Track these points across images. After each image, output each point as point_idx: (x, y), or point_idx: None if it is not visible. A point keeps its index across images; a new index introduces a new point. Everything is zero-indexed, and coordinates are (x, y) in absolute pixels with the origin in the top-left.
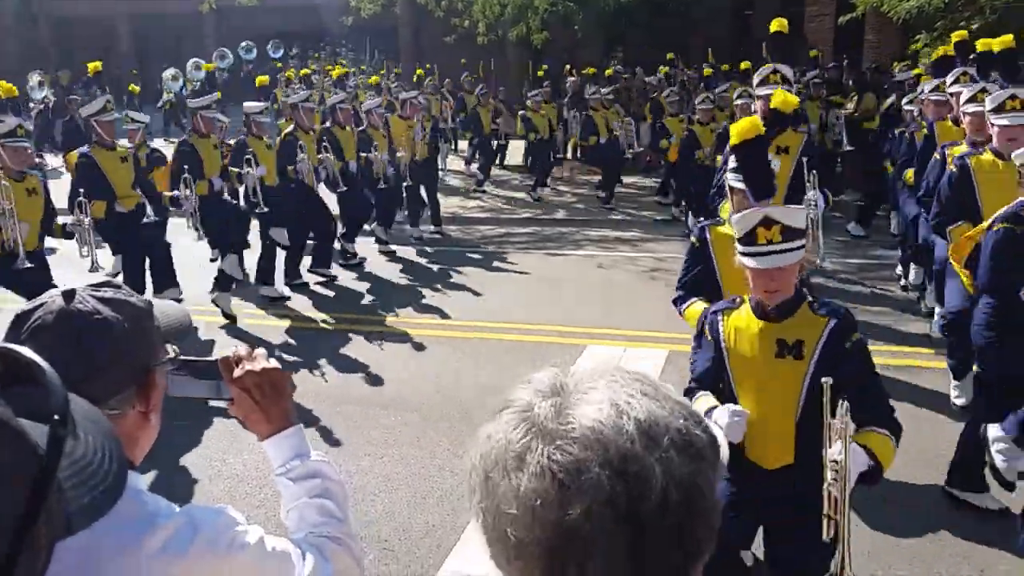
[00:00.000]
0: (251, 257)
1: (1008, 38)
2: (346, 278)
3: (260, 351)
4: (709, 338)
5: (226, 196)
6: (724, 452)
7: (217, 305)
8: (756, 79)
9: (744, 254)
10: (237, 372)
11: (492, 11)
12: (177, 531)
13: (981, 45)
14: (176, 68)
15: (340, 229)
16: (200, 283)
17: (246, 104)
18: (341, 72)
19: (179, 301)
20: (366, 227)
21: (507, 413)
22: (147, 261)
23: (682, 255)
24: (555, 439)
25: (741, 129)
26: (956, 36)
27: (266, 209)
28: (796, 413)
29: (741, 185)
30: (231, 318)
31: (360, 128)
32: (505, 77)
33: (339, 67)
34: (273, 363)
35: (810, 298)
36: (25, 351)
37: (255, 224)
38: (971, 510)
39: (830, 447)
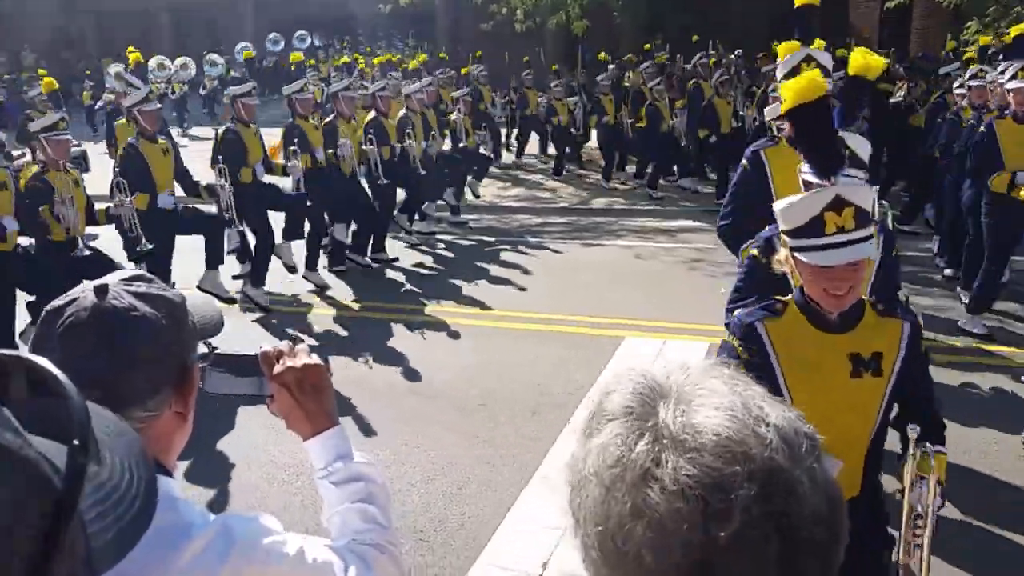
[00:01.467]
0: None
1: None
2: (382, 267)
3: (302, 346)
4: (745, 356)
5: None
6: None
7: (248, 296)
8: (781, 71)
9: (806, 249)
10: (278, 368)
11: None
12: (212, 542)
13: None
14: (214, 54)
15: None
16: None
17: (285, 87)
18: (383, 60)
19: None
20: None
21: (616, 422)
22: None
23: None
24: (687, 451)
25: (799, 89)
26: (1015, 30)
27: (309, 203)
28: (870, 437)
29: (815, 179)
30: (266, 310)
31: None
32: (543, 64)
33: (383, 55)
34: (315, 359)
35: (871, 297)
36: (42, 362)
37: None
38: None
39: (909, 491)
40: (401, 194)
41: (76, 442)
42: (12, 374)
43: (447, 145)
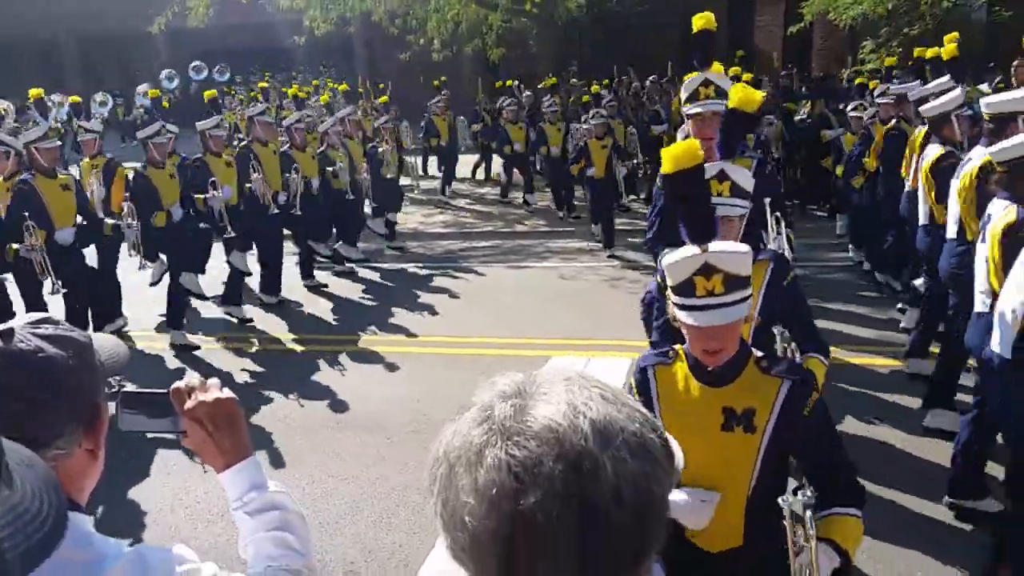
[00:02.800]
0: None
1: (952, 47)
2: (309, 299)
3: (213, 380)
4: (638, 397)
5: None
6: (679, 459)
7: (171, 336)
8: (684, 93)
9: (680, 307)
10: (189, 403)
11: (446, 29)
12: (127, 572)
13: (940, 53)
14: (104, 93)
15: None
16: (149, 310)
17: (199, 123)
18: (296, 91)
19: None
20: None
21: (471, 412)
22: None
23: (644, 262)
24: (513, 435)
25: (676, 156)
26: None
27: (233, 233)
28: (748, 491)
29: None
30: (190, 348)
31: (320, 150)
32: (460, 91)
33: (295, 87)
34: (227, 393)
35: (758, 354)
36: None
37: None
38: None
39: (796, 556)
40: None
41: None
42: None
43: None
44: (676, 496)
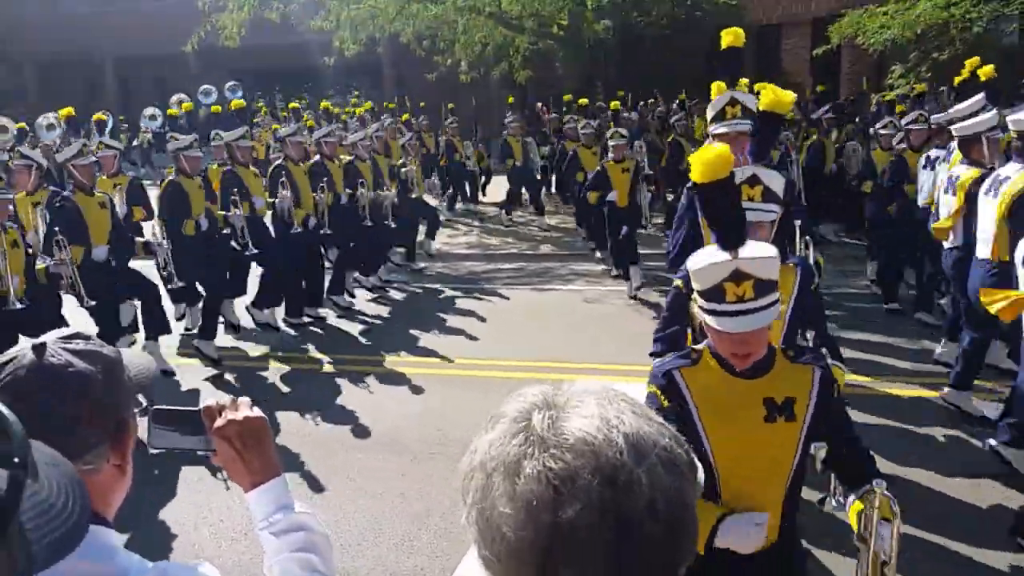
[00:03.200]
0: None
1: (988, 69)
2: (336, 319)
3: (243, 400)
4: (666, 403)
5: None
6: (700, 475)
7: (200, 351)
8: (710, 112)
9: (710, 312)
10: (219, 421)
11: (473, 51)
12: None
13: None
14: (155, 108)
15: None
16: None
17: (225, 133)
18: (328, 106)
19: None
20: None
21: (505, 423)
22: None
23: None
24: (550, 447)
25: (707, 162)
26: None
27: (255, 251)
28: (787, 482)
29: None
30: (216, 363)
31: (349, 161)
32: (489, 114)
33: (326, 103)
34: (256, 412)
35: (781, 345)
36: None
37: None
38: None
39: (872, 539)
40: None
41: (16, 460)
42: None
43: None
44: (729, 522)
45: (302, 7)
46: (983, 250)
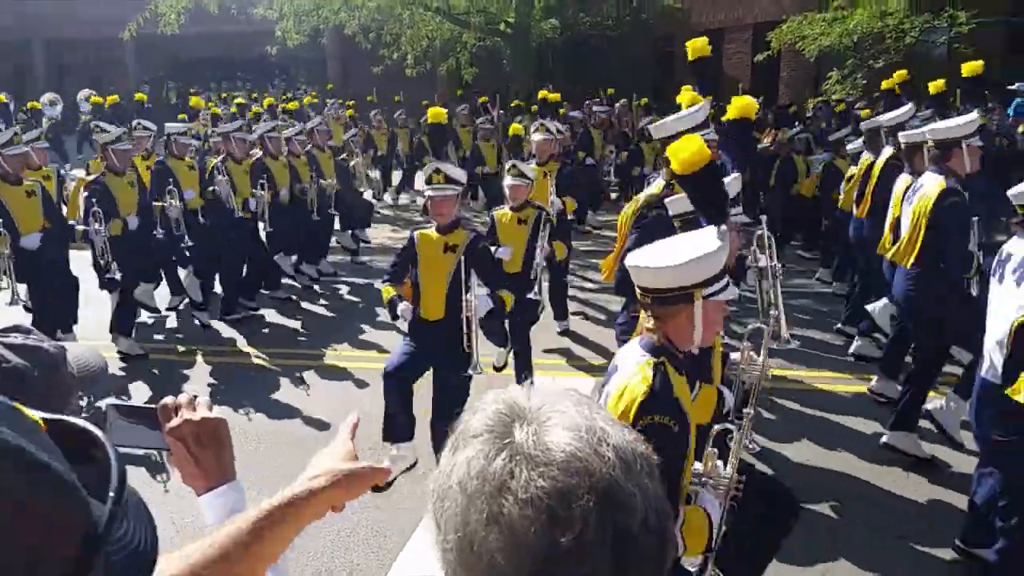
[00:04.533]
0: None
1: (941, 83)
2: (272, 313)
3: (203, 399)
4: (676, 429)
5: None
6: None
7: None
8: (684, 123)
9: (721, 291)
10: (174, 421)
11: (420, 45)
12: None
13: (933, 88)
14: (55, 94)
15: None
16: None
17: (168, 124)
18: (272, 101)
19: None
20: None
21: (479, 439)
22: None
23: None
24: (538, 465)
25: (686, 158)
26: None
27: (191, 243)
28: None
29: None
30: (135, 356)
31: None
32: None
33: (271, 99)
34: (215, 412)
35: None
36: (83, 424)
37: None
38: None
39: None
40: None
41: (113, 494)
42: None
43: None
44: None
45: None
46: (906, 257)
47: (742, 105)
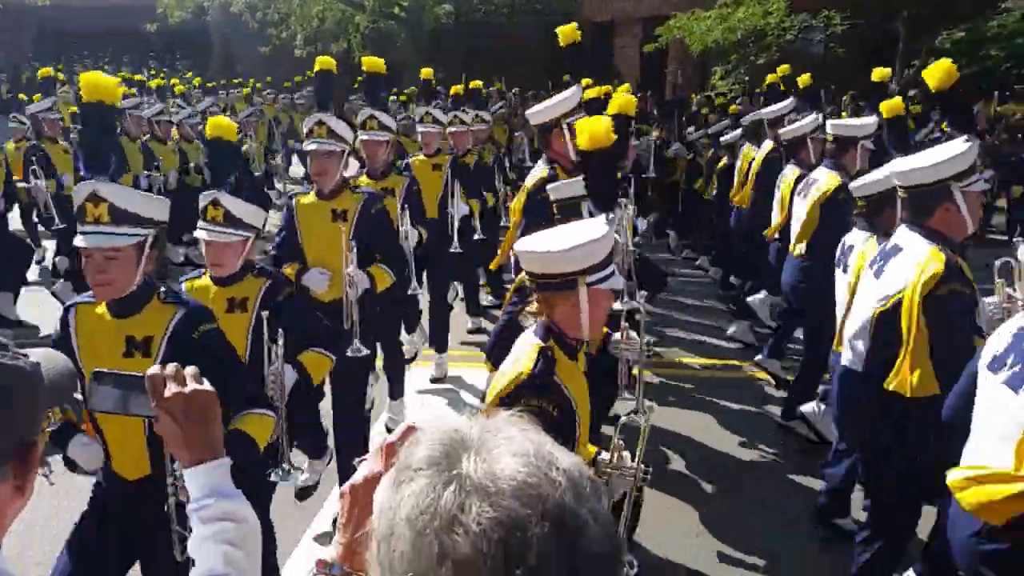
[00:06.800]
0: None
1: (806, 77)
2: None
3: (190, 370)
4: (555, 414)
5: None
6: None
7: None
8: (564, 106)
9: (606, 277)
10: (166, 393)
11: (310, 25)
12: None
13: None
14: None
15: None
16: None
17: (31, 106)
18: (159, 83)
19: None
20: None
21: (425, 472)
22: None
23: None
24: (488, 495)
25: (595, 134)
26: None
27: (63, 225)
28: None
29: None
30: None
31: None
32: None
33: (159, 79)
34: (205, 386)
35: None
36: None
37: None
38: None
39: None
40: None
41: None
42: None
43: None
44: None
45: None
46: (797, 247)
47: (622, 102)
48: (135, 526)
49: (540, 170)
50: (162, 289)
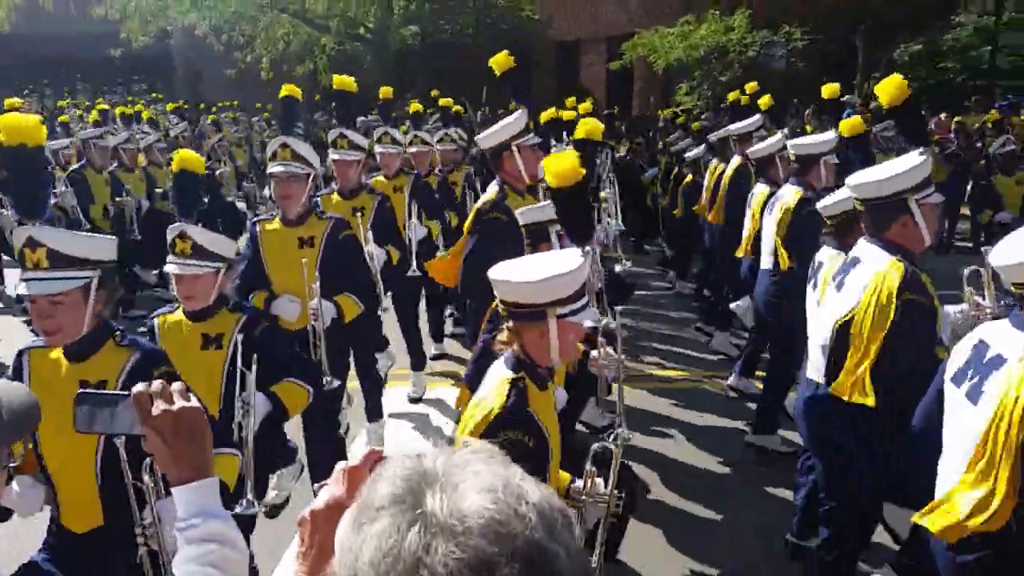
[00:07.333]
0: None
1: (767, 98)
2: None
3: (177, 386)
4: (532, 444)
5: None
6: None
7: None
8: (512, 128)
9: (577, 311)
10: (154, 411)
11: (275, 47)
12: None
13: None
14: None
15: None
16: None
17: None
18: (124, 110)
19: None
20: None
21: (388, 511)
22: None
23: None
24: (456, 534)
25: (561, 172)
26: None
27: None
28: None
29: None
30: None
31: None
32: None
33: (123, 107)
34: (193, 403)
35: None
36: None
37: None
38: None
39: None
40: None
41: None
42: None
43: None
44: None
45: None
46: (767, 261)
47: (588, 128)
48: None
49: (491, 191)
50: (118, 331)
